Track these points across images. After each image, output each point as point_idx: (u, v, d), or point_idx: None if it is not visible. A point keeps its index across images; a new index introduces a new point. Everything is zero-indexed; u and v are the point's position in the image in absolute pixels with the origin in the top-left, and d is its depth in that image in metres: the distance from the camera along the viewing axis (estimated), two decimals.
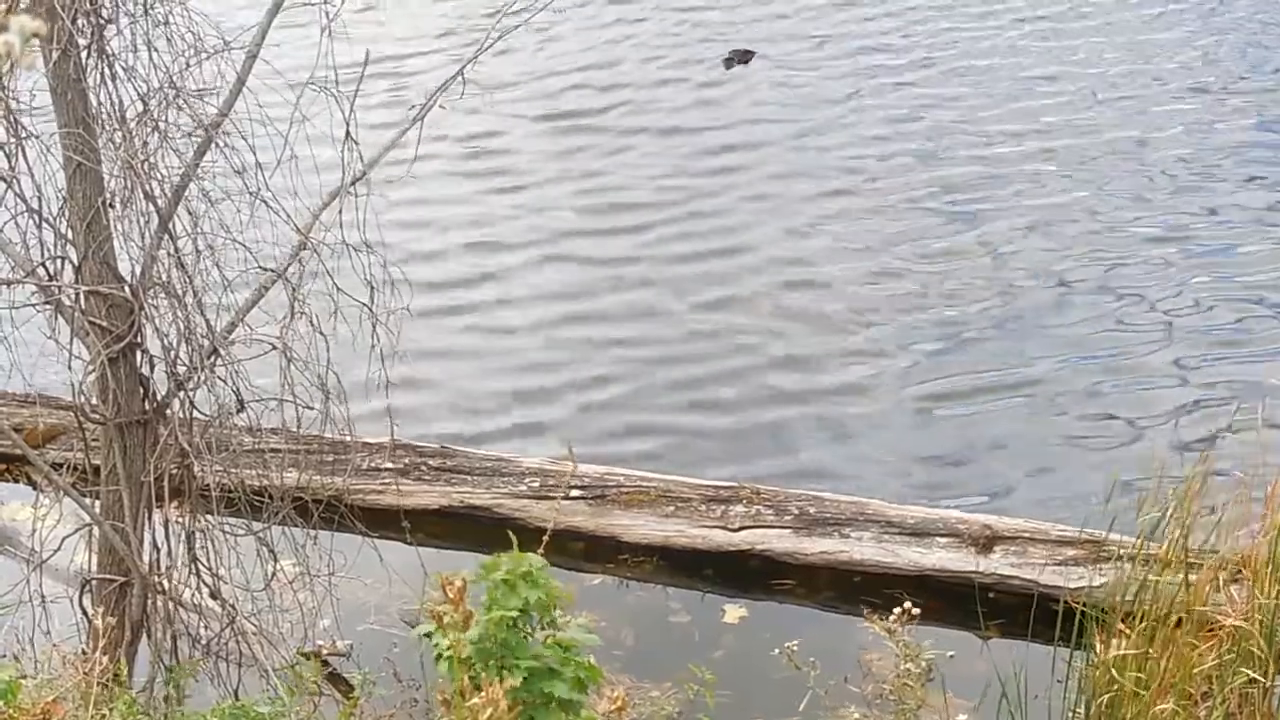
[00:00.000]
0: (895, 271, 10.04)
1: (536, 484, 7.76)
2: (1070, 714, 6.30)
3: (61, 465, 6.40)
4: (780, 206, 10.86)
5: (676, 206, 10.91)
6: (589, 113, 12.37)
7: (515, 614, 3.82)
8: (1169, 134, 11.58)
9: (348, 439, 6.46)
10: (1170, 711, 5.76)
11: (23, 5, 5.55)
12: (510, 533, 4.07)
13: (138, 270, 5.86)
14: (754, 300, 9.82)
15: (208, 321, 5.89)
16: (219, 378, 5.95)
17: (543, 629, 3.92)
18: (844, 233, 10.51)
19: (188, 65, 5.72)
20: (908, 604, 6.30)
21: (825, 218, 10.72)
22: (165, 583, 6.20)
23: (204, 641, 6.30)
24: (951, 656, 6.76)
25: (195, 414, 6.04)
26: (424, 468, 7.93)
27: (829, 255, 10.26)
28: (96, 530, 6.12)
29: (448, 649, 3.78)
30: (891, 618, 6.37)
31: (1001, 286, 9.80)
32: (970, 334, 9.34)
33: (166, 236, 5.81)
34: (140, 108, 5.71)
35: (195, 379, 5.93)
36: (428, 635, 3.90)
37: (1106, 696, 5.99)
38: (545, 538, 4.11)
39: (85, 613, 6.17)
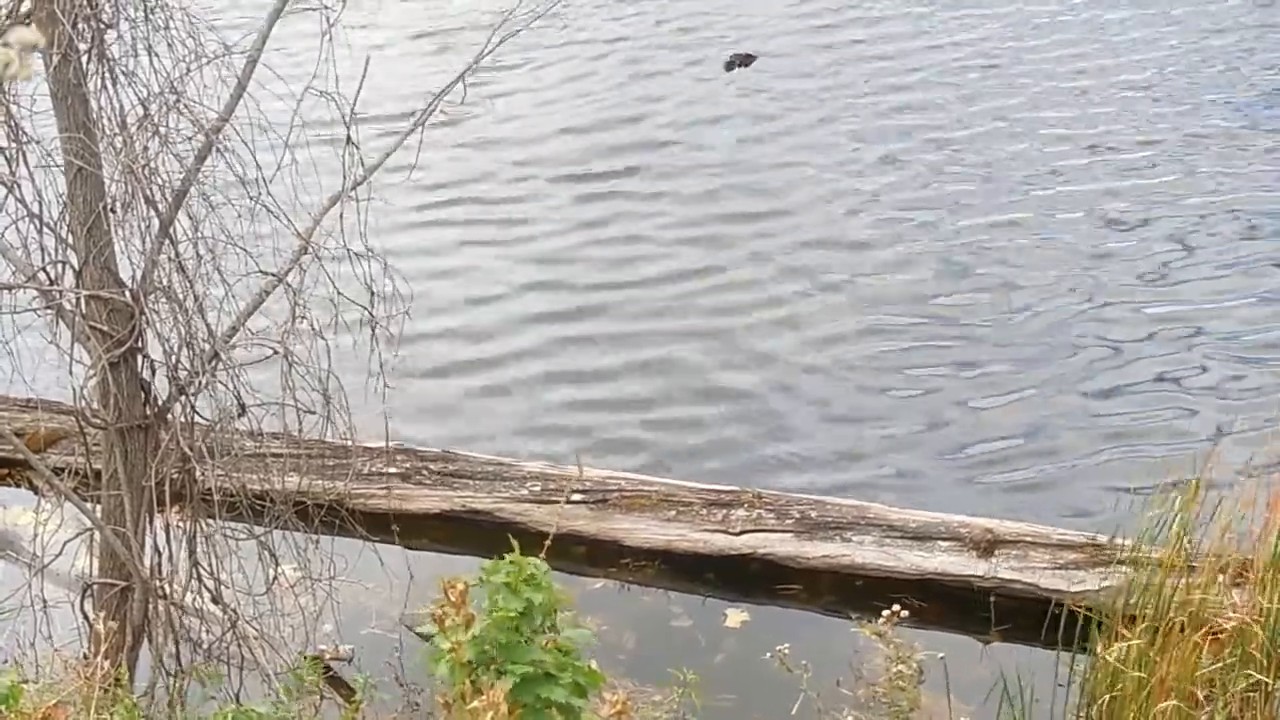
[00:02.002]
0: (895, 282, 10.04)
1: (538, 488, 7.75)
2: (1072, 717, 6.30)
3: (63, 470, 6.40)
4: (789, 230, 10.82)
5: (681, 222, 10.92)
6: (590, 140, 12.34)
7: (515, 614, 3.82)
8: (1210, 179, 11.21)
9: (349, 443, 6.45)
10: (1171, 714, 5.75)
11: (24, 9, 5.56)
12: (511, 536, 4.07)
13: (138, 275, 5.86)
14: (758, 313, 9.81)
15: (209, 326, 5.89)
16: (220, 382, 5.95)
17: (543, 632, 3.91)
18: (847, 244, 10.52)
19: (188, 70, 5.72)
20: (896, 606, 6.29)
21: (833, 236, 10.74)
22: (166, 587, 6.19)
23: (205, 646, 6.29)
24: (942, 658, 6.75)
25: (196, 418, 6.04)
26: (425, 472, 7.92)
27: (832, 270, 10.23)
28: (98, 535, 6.12)
29: (449, 652, 3.77)
30: (880, 620, 6.36)
31: (1007, 303, 9.76)
32: (976, 352, 9.29)
33: (167, 241, 5.81)
34: (141, 112, 5.72)
35: (196, 383, 5.93)
36: (426, 638, 3.89)
37: (1108, 699, 5.99)
38: (547, 542, 4.10)
39: (86, 617, 6.17)
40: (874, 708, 6.54)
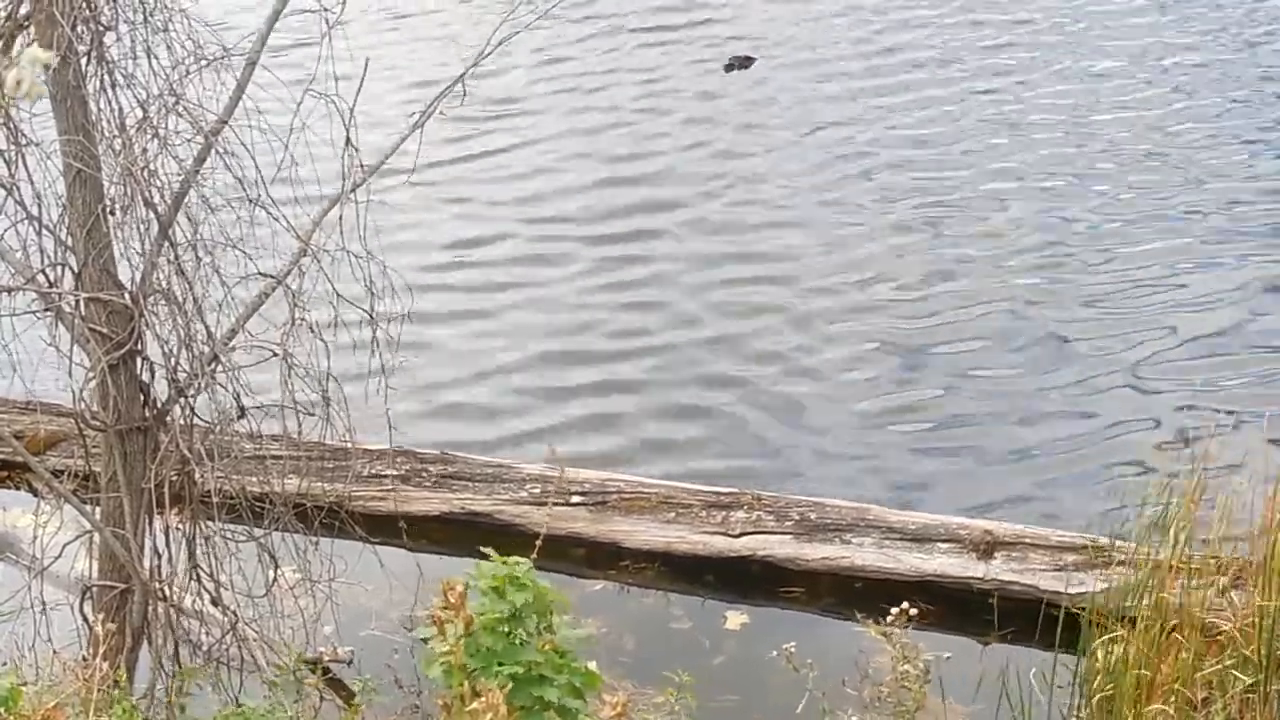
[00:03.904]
0: (894, 289, 10.02)
1: (537, 490, 7.75)
2: (1071, 718, 6.30)
3: (62, 472, 6.41)
4: (790, 230, 10.86)
5: (682, 219, 10.94)
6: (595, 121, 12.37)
7: (500, 616, 3.81)
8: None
9: (348, 445, 6.46)
10: (1170, 715, 5.75)
11: (23, 12, 5.56)
12: (496, 540, 4.08)
13: (138, 277, 5.87)
14: (755, 314, 9.81)
15: (208, 328, 5.90)
16: (219, 384, 5.95)
17: (539, 634, 3.90)
18: (848, 251, 10.50)
19: (187, 72, 5.73)
20: (904, 605, 6.28)
21: (831, 236, 10.76)
22: (166, 589, 6.20)
23: (205, 648, 6.30)
24: (948, 658, 6.75)
25: (196, 420, 6.05)
26: (424, 474, 7.93)
27: (833, 277, 10.22)
28: (97, 537, 6.12)
29: (445, 654, 3.77)
30: (889, 619, 6.35)
31: (998, 303, 9.77)
32: (976, 359, 9.28)
33: (166, 243, 5.81)
34: (140, 115, 5.72)
35: (195, 385, 5.94)
36: (425, 640, 3.89)
37: (1106, 700, 5.99)
38: (538, 543, 4.11)
39: (86, 619, 6.17)
40: (878, 708, 6.53)
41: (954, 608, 7.17)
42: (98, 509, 6.13)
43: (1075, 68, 12.93)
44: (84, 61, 5.60)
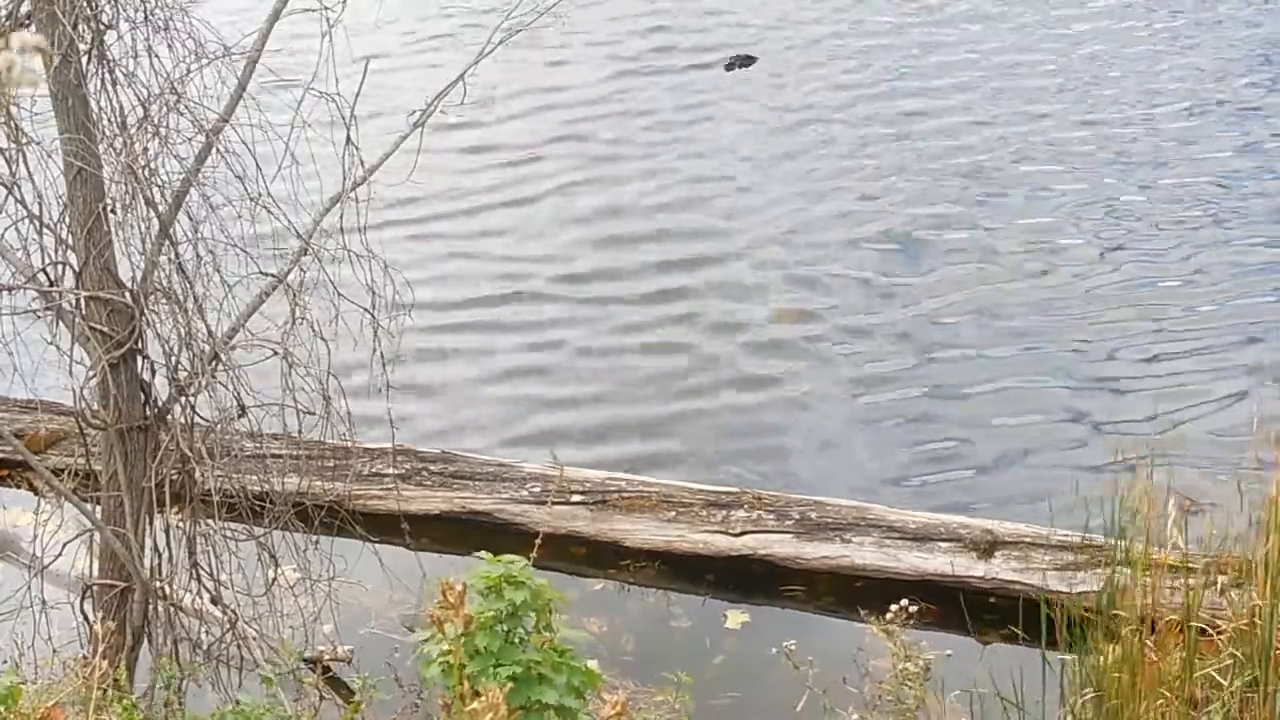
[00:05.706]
0: (898, 297, 10.02)
1: (538, 489, 7.75)
2: (1070, 718, 6.30)
3: (63, 471, 6.40)
4: (779, 227, 10.89)
5: (680, 221, 10.94)
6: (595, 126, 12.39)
7: (494, 614, 3.81)
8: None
9: (349, 444, 6.46)
10: (1169, 715, 5.76)
11: (24, 10, 5.57)
12: (496, 539, 4.08)
13: (138, 276, 5.87)
14: (759, 320, 9.81)
15: (209, 327, 5.90)
16: (220, 383, 5.96)
17: (538, 633, 3.90)
18: (842, 251, 10.50)
19: (188, 71, 5.73)
20: (904, 602, 6.27)
21: (827, 241, 10.76)
22: (166, 588, 6.20)
23: (205, 647, 6.30)
24: (949, 655, 6.74)
25: (196, 419, 6.05)
26: (425, 473, 7.92)
27: (830, 273, 10.25)
28: (97, 536, 6.12)
29: (444, 654, 3.77)
30: (888, 616, 6.34)
31: (1001, 309, 9.76)
32: (974, 358, 9.30)
33: (167, 242, 5.82)
34: (141, 113, 5.72)
35: (196, 384, 5.94)
36: (422, 643, 3.89)
37: (1106, 700, 5.99)
38: (538, 542, 4.11)
39: (86, 618, 6.17)
40: (879, 706, 6.54)
41: (954, 607, 7.16)
42: (98, 508, 6.14)
43: (1108, 95, 12.64)
44: (85, 60, 5.61)
